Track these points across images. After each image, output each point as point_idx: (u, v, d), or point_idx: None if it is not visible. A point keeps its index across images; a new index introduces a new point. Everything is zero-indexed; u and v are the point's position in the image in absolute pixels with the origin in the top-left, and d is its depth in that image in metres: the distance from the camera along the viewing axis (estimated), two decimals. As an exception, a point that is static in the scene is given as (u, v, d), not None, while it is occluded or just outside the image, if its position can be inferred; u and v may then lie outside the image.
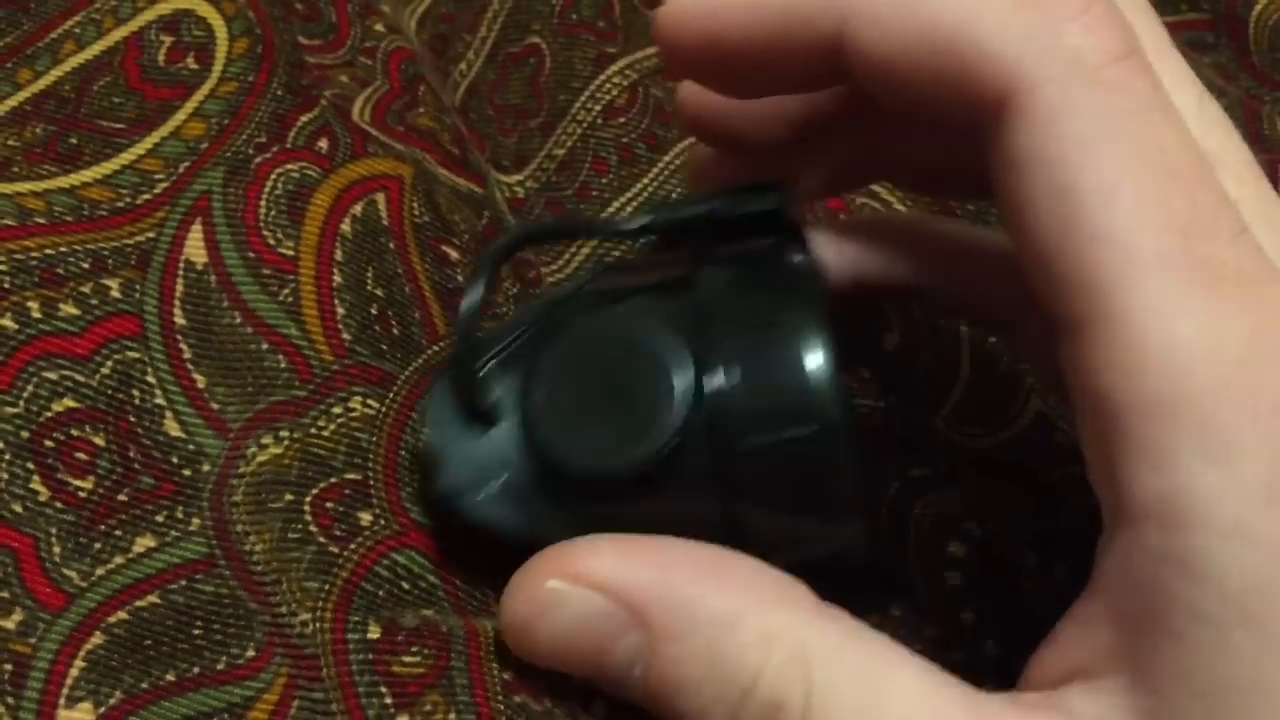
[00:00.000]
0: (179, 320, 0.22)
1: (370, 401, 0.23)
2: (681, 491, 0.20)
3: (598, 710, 0.21)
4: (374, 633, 0.21)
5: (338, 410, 0.22)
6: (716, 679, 0.18)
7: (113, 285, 0.22)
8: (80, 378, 0.21)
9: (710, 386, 0.19)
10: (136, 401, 0.22)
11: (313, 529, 0.22)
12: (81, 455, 0.21)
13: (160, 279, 0.23)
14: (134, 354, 0.22)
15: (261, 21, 0.26)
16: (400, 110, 0.27)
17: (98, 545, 0.21)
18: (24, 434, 0.21)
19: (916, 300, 0.26)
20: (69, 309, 0.22)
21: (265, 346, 0.23)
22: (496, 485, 0.21)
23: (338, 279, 0.24)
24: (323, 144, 0.25)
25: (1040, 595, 0.25)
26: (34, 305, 0.22)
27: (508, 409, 0.21)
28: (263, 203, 0.24)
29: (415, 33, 0.33)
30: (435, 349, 0.24)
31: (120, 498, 0.21)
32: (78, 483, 0.21)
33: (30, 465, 0.21)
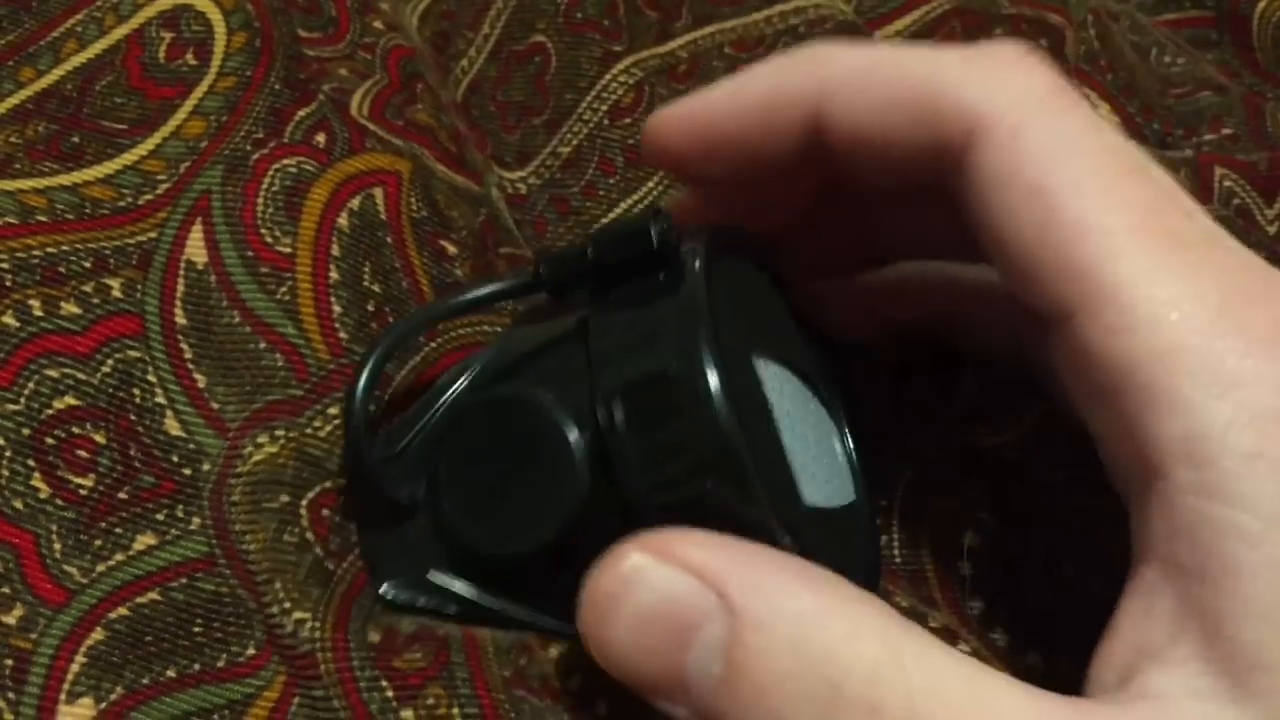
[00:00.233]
0: (180, 320, 0.22)
1: (368, 401, 0.23)
2: (602, 543, 0.19)
3: (600, 708, 0.21)
4: (374, 637, 0.21)
5: (334, 411, 0.23)
6: (806, 673, 0.17)
7: (114, 284, 0.22)
8: (81, 376, 0.22)
9: (608, 442, 0.19)
10: (137, 400, 0.22)
11: (309, 536, 0.22)
12: (82, 453, 0.21)
13: (161, 279, 0.23)
14: (135, 353, 0.22)
15: (260, 14, 0.26)
16: (399, 105, 0.27)
17: (98, 542, 0.21)
18: (25, 431, 0.21)
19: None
20: (71, 307, 0.22)
21: (263, 345, 0.23)
22: (432, 575, 0.22)
23: (334, 275, 0.24)
24: (320, 138, 0.25)
25: (1046, 592, 0.25)
26: (35, 303, 0.22)
27: (422, 497, 0.22)
28: (260, 200, 0.24)
29: (417, 29, 0.33)
30: (432, 346, 0.24)
31: (121, 495, 0.21)
32: (78, 480, 0.21)
33: (31, 462, 0.21)
